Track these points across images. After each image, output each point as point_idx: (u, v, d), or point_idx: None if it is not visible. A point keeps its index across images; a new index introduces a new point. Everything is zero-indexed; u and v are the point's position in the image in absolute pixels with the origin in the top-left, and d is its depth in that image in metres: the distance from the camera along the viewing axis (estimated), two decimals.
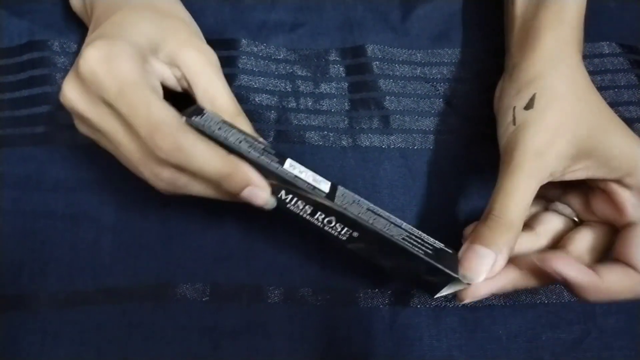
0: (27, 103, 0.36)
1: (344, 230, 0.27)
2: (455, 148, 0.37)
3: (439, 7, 0.41)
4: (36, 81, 0.37)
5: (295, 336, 0.32)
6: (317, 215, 0.27)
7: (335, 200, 0.27)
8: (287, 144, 0.36)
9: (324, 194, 0.27)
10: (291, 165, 0.28)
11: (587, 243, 0.30)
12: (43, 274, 0.32)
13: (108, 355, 0.31)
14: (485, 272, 0.27)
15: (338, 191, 0.28)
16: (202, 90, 0.30)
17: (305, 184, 0.27)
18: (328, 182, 0.28)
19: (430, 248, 0.28)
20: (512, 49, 0.35)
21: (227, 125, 0.28)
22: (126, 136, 0.26)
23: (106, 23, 0.29)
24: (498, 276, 0.28)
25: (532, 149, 0.28)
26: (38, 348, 0.31)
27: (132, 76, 0.26)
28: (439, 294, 0.29)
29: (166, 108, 0.26)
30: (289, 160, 0.28)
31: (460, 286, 0.28)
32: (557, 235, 0.31)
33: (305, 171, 0.28)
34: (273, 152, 0.28)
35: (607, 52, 0.40)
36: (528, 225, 0.31)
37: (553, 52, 0.31)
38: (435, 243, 0.28)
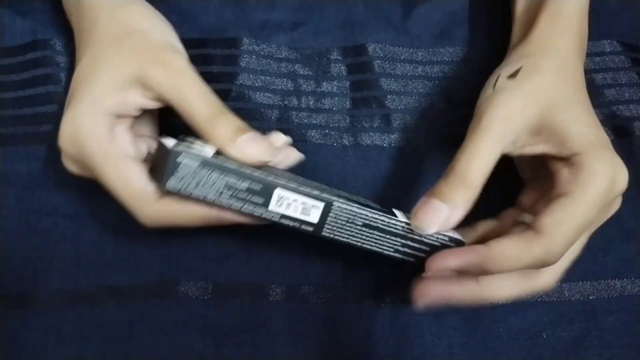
0: (31, 102, 0.36)
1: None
2: (456, 147, 0.37)
3: (440, 6, 0.41)
4: (39, 80, 0.37)
5: (296, 334, 0.32)
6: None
7: (324, 228, 0.28)
8: None
9: (311, 229, 0.28)
10: (279, 199, 0.27)
11: None
12: (46, 272, 0.32)
13: (110, 353, 0.31)
14: (436, 225, 0.27)
15: (332, 212, 0.28)
16: (176, 106, 0.29)
17: (291, 222, 0.28)
18: (320, 205, 0.28)
19: (427, 249, 0.29)
20: (512, 43, 0.35)
21: (210, 166, 0.26)
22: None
23: (78, 69, 0.31)
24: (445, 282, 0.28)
25: (502, 114, 0.29)
26: (41, 346, 0.31)
27: (102, 152, 0.28)
28: None
29: (139, 179, 0.28)
30: (278, 191, 0.27)
31: None
32: None
33: (295, 200, 0.27)
34: (258, 188, 0.27)
35: (608, 50, 0.40)
36: (499, 235, 0.31)
37: (547, 40, 0.32)
38: (438, 239, 0.29)
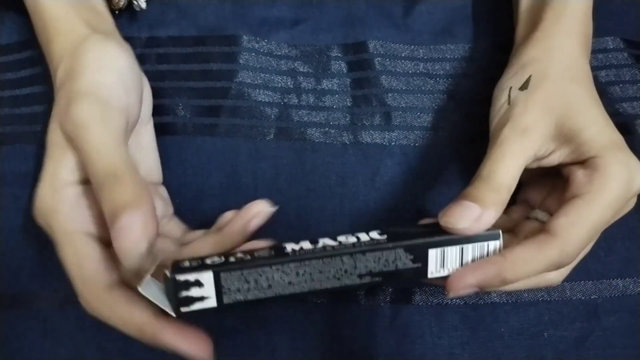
0: (28, 101, 0.36)
1: None
2: (457, 145, 0.37)
3: (441, 3, 0.41)
4: (37, 79, 0.37)
5: (296, 334, 0.32)
6: None
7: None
8: (288, 141, 0.36)
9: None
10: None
11: None
12: (44, 272, 0.32)
13: (109, 353, 0.31)
14: (468, 220, 0.27)
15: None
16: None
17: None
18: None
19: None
20: (517, 42, 0.35)
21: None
22: None
23: None
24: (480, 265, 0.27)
25: (520, 127, 0.29)
26: (39, 346, 0.31)
27: (61, 229, 0.26)
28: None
29: (93, 262, 0.26)
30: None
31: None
32: None
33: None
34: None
35: (612, 48, 0.40)
36: (511, 231, 0.31)
37: (552, 40, 0.32)
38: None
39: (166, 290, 0.26)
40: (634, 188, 0.28)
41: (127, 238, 0.24)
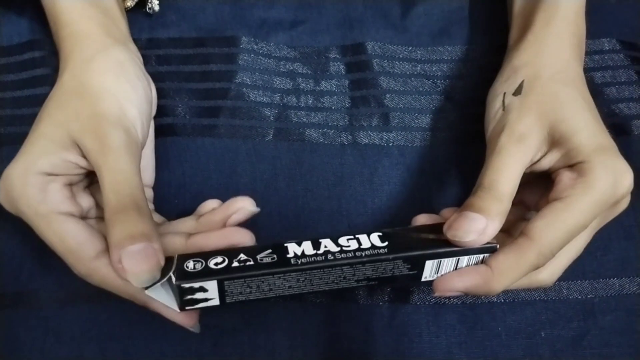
0: (30, 102, 0.36)
1: None
2: (454, 145, 0.37)
3: (439, 4, 0.41)
4: (38, 81, 0.37)
5: (295, 333, 0.32)
6: None
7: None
8: (286, 142, 0.36)
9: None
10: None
11: None
12: (44, 271, 0.32)
13: (110, 352, 0.31)
14: (474, 233, 0.27)
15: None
16: (98, 177, 0.28)
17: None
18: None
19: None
20: (509, 46, 0.35)
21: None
22: None
23: (37, 117, 0.30)
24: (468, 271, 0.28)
25: (516, 134, 0.29)
26: (40, 345, 0.31)
27: (32, 211, 0.27)
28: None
29: (74, 235, 0.27)
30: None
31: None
32: None
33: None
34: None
35: (607, 49, 0.40)
36: (507, 232, 0.31)
37: (543, 43, 0.32)
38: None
39: (171, 289, 0.26)
40: (620, 192, 0.28)
41: (140, 265, 0.25)
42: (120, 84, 0.31)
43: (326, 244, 0.28)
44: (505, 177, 0.28)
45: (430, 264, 0.28)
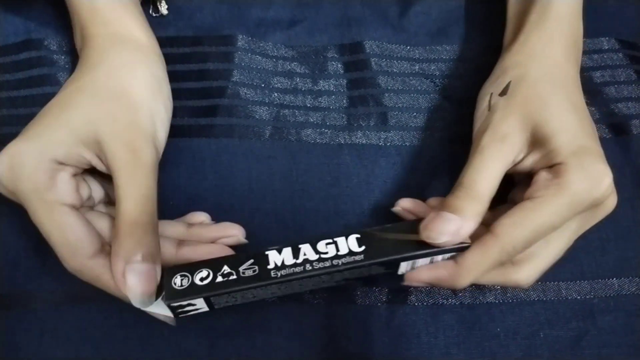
0: (27, 103, 0.36)
1: None
2: (451, 145, 0.37)
3: (437, 4, 0.41)
4: (35, 81, 0.37)
5: (293, 335, 0.32)
6: None
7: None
8: (283, 142, 0.36)
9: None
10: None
11: None
12: (40, 272, 0.32)
13: (106, 353, 0.31)
14: (448, 234, 0.27)
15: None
16: (115, 188, 0.28)
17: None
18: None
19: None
20: (503, 47, 0.36)
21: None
22: None
23: (51, 102, 0.30)
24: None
25: (499, 134, 0.29)
26: (36, 346, 0.31)
27: (37, 196, 0.27)
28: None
29: (75, 229, 0.27)
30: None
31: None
32: None
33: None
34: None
35: (606, 48, 0.40)
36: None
37: (534, 45, 0.32)
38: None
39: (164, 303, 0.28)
40: (596, 194, 0.28)
41: (141, 286, 0.26)
42: (156, 104, 0.31)
43: (305, 251, 0.29)
44: (484, 177, 0.28)
45: (404, 264, 0.29)
